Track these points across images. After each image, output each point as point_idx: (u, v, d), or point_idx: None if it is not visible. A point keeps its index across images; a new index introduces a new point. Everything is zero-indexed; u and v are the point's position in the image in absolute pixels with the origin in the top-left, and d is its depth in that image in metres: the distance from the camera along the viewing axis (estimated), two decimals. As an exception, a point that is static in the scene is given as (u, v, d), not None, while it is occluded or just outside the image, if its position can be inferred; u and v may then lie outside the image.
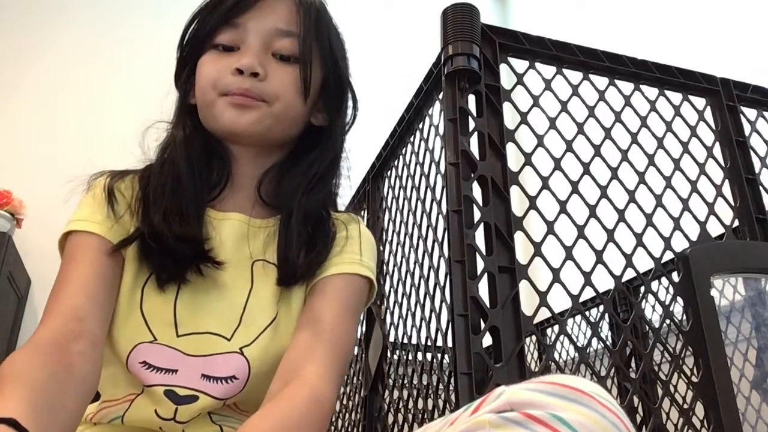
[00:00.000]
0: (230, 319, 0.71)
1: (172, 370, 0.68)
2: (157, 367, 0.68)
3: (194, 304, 0.71)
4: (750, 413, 1.09)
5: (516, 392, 0.45)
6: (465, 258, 0.80)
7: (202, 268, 0.70)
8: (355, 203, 1.41)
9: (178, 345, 0.69)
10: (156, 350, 0.68)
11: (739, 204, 1.01)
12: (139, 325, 0.69)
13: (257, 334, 0.71)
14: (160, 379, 0.67)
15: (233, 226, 0.75)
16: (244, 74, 0.71)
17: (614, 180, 0.95)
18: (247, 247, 0.74)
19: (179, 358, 0.68)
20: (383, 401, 1.13)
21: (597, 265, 0.87)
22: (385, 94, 2.12)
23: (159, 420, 0.67)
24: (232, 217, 0.75)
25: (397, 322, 1.13)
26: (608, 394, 0.46)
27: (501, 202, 0.85)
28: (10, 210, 2.12)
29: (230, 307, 0.72)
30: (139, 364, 0.68)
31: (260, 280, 0.74)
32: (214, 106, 0.73)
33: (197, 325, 0.70)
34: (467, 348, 0.76)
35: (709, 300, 0.84)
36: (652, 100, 1.04)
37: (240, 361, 0.69)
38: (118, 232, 0.70)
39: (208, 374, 0.68)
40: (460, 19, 0.92)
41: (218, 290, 0.72)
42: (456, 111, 0.89)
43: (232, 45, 0.74)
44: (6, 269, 1.96)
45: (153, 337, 0.69)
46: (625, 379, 1.20)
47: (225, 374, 0.68)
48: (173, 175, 0.72)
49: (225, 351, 0.70)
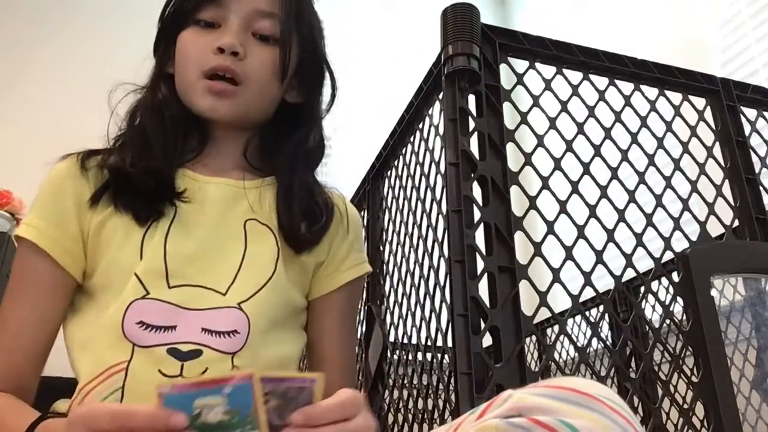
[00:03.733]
0: (224, 275, 0.72)
1: (170, 327, 0.68)
2: (155, 326, 0.68)
3: (186, 260, 0.72)
4: (750, 413, 1.09)
5: (523, 397, 0.44)
6: (465, 258, 0.80)
7: (180, 205, 0.73)
8: (354, 203, 1.41)
9: (171, 298, 0.69)
10: (150, 307, 0.68)
11: (739, 204, 1.01)
12: (132, 285, 0.69)
13: (256, 289, 0.72)
14: (160, 339, 0.67)
15: (219, 188, 0.77)
16: (224, 53, 0.73)
17: (614, 180, 0.95)
18: (236, 207, 0.77)
19: (176, 313, 0.69)
20: (383, 401, 1.13)
21: (597, 265, 0.87)
22: (385, 94, 2.12)
23: (166, 379, 0.67)
24: (217, 180, 0.78)
25: (397, 322, 1.13)
26: (618, 397, 0.45)
27: (501, 202, 0.85)
28: (10, 210, 2.12)
29: (223, 264, 0.73)
30: (136, 324, 0.67)
31: (254, 238, 0.75)
32: (194, 88, 0.75)
33: (190, 278, 0.71)
34: (467, 348, 0.76)
35: (709, 300, 0.84)
36: (652, 100, 1.04)
37: (239, 315, 0.70)
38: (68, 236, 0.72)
39: (208, 328, 0.69)
40: (460, 19, 0.92)
41: (213, 243, 0.73)
42: (456, 111, 0.89)
43: (213, 21, 0.76)
44: (6, 269, 1.96)
45: (145, 290, 0.69)
46: (625, 379, 1.20)
47: (226, 328, 0.69)
48: (142, 138, 0.75)
49: (222, 305, 0.70)
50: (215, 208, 0.75)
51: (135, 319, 0.68)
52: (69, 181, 0.74)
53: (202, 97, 0.74)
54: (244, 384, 0.45)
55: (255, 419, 0.46)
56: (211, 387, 0.45)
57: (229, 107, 0.75)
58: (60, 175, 0.75)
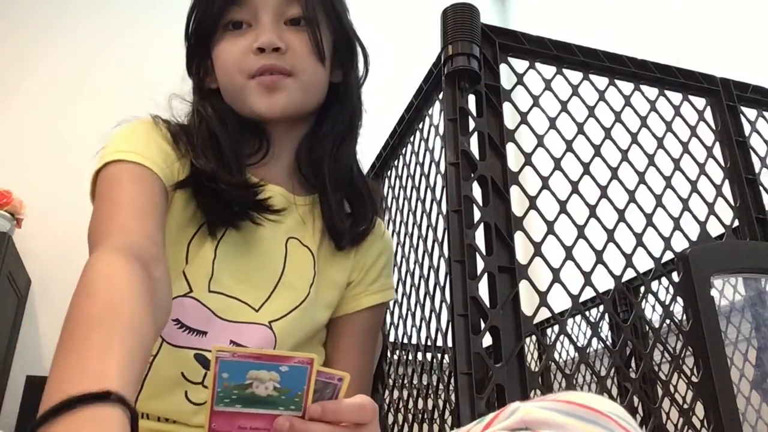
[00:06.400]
0: (260, 292, 0.72)
1: (202, 332, 0.68)
2: (190, 328, 0.68)
3: (232, 265, 0.71)
4: (750, 413, 1.09)
5: (530, 410, 0.43)
6: (465, 258, 0.80)
7: (255, 216, 0.71)
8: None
9: (208, 302, 0.69)
10: (190, 306, 0.68)
11: (739, 204, 1.01)
12: (179, 278, 0.68)
13: (288, 310, 0.72)
14: (190, 341, 0.67)
15: (275, 198, 0.75)
16: (265, 51, 0.71)
17: (614, 180, 0.95)
18: (284, 222, 0.75)
19: (210, 320, 0.68)
20: (383, 401, 1.13)
21: (597, 265, 0.87)
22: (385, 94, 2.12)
23: (186, 382, 0.67)
24: (273, 189, 0.75)
25: (397, 322, 1.13)
26: (625, 412, 0.44)
27: (501, 202, 0.85)
28: (10, 210, 2.12)
29: (261, 280, 0.72)
30: (172, 321, 0.67)
31: (294, 257, 0.75)
32: (244, 90, 0.73)
33: (228, 288, 0.70)
34: (467, 348, 0.76)
35: (709, 300, 0.84)
36: (652, 100, 1.04)
37: (267, 334, 0.70)
38: (170, 178, 0.68)
39: (236, 341, 0.69)
40: (460, 19, 0.92)
41: (256, 258, 0.73)
42: (456, 111, 0.89)
43: (243, 21, 0.74)
44: (6, 269, 1.96)
45: (189, 288, 0.68)
46: (625, 379, 1.20)
47: (252, 344, 0.69)
48: (213, 139, 0.72)
49: (253, 321, 0.70)
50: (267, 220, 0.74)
51: (173, 316, 0.67)
52: (163, 141, 0.71)
53: (256, 98, 0.72)
54: (302, 366, 0.46)
55: (301, 401, 0.48)
56: (270, 362, 0.46)
57: (285, 101, 0.72)
58: (147, 127, 0.72)
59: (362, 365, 0.80)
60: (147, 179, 0.65)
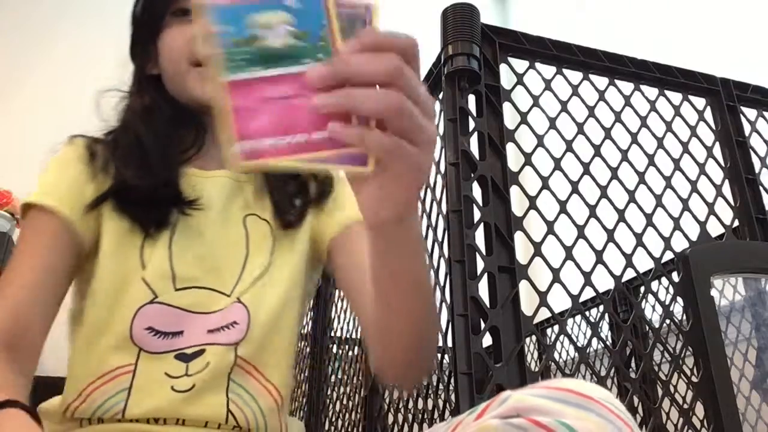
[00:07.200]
0: (230, 276, 0.72)
1: (177, 332, 0.68)
2: (163, 332, 0.68)
3: (192, 261, 0.71)
4: (750, 413, 1.09)
5: (522, 397, 0.43)
6: (465, 258, 0.80)
7: (187, 211, 0.72)
8: (355, 203, 1.41)
9: (178, 301, 0.69)
10: (158, 312, 0.68)
11: (739, 204, 1.01)
12: (140, 288, 0.68)
13: (251, 282, 0.72)
14: (168, 345, 0.67)
15: (219, 183, 0.76)
16: None
17: (614, 180, 0.95)
18: (236, 202, 0.76)
19: (183, 318, 0.68)
20: (383, 401, 1.13)
21: (597, 265, 0.87)
22: (385, 94, 2.12)
23: (171, 379, 0.67)
24: (217, 174, 0.77)
25: (397, 322, 1.12)
26: (617, 400, 0.44)
27: (501, 202, 0.85)
28: (10, 210, 2.12)
29: (228, 264, 0.73)
30: (145, 330, 0.67)
31: (255, 234, 0.75)
32: (187, 77, 0.73)
33: (196, 279, 0.70)
34: (467, 348, 0.76)
35: (709, 300, 0.84)
36: (652, 100, 1.04)
37: (238, 308, 0.70)
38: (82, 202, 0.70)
39: (212, 328, 0.69)
40: (460, 19, 0.92)
41: (217, 244, 0.73)
42: (456, 111, 0.89)
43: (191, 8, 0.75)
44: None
45: (153, 294, 0.68)
46: (625, 379, 1.20)
47: (226, 322, 0.69)
48: (136, 144, 0.74)
49: (226, 306, 0.70)
50: (217, 206, 0.75)
51: (144, 325, 0.67)
52: (78, 162, 0.74)
53: (195, 83, 0.73)
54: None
55: (327, 44, 0.38)
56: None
57: None
58: (68, 157, 0.75)
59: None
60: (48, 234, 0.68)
